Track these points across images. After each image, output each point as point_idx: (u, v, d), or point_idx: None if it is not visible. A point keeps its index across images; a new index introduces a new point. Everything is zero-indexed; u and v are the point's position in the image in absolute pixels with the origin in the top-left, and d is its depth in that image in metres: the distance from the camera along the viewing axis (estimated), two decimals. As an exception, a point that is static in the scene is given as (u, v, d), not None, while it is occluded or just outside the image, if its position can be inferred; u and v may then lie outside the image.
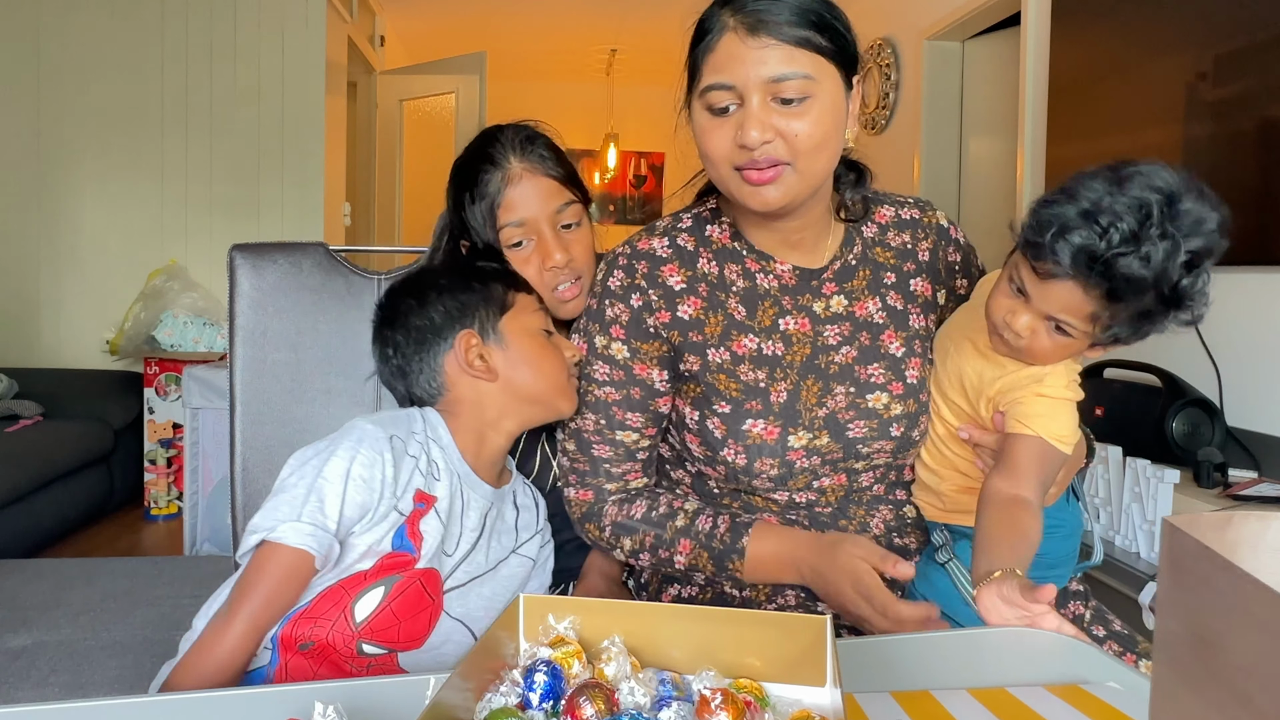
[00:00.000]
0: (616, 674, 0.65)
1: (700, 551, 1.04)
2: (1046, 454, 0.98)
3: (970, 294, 1.16)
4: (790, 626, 0.66)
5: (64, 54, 4.04)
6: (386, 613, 0.96)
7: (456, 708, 0.59)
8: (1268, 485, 1.96)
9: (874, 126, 4.51)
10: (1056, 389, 0.99)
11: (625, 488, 1.12)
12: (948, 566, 1.07)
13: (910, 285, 1.13)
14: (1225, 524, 0.32)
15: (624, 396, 1.09)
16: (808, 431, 1.04)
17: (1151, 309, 0.88)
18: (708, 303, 1.07)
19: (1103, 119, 2.62)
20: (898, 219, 1.16)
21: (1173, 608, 0.31)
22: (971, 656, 0.76)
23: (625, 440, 1.11)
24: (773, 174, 0.96)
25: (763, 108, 0.94)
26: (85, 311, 4.10)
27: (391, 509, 0.98)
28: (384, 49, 5.47)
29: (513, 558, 1.12)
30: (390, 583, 0.97)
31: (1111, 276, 0.84)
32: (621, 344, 1.08)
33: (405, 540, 0.98)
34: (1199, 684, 0.29)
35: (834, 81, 0.97)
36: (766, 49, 0.93)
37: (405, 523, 0.98)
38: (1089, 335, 0.93)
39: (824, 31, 0.95)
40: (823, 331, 1.08)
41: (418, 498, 1.00)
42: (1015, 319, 0.94)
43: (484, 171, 1.17)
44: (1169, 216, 0.82)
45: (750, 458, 1.04)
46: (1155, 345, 2.49)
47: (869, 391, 1.07)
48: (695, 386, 1.08)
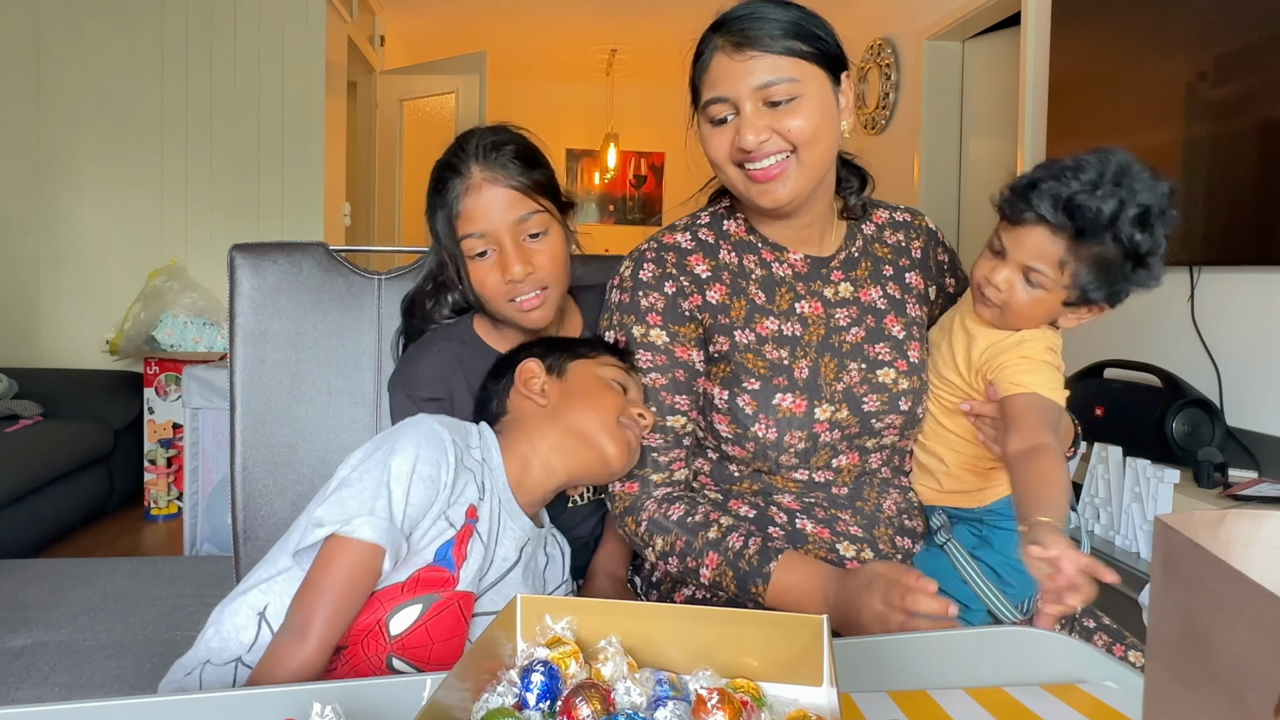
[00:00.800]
0: (613, 674, 0.65)
1: (726, 569, 1.05)
2: (1042, 405, 1.05)
3: (956, 293, 1.27)
4: (787, 626, 0.66)
5: (64, 54, 4.04)
6: (421, 630, 0.92)
7: (453, 708, 0.59)
8: (1268, 485, 1.96)
9: (874, 126, 4.51)
10: (1036, 351, 1.07)
11: (670, 479, 1.13)
12: (946, 547, 1.13)
13: (906, 278, 1.23)
14: (1218, 522, 0.32)
15: (670, 380, 1.12)
16: (830, 404, 1.11)
17: (1113, 260, 1.00)
18: (731, 289, 1.15)
19: (1103, 119, 2.62)
20: (892, 220, 1.27)
21: (1165, 606, 0.31)
22: (969, 656, 0.76)
23: (674, 425, 1.13)
24: (778, 170, 1.06)
25: (755, 113, 1.04)
26: (85, 311, 4.10)
27: (441, 515, 0.95)
28: (384, 49, 5.47)
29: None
30: (429, 601, 0.93)
31: (1074, 215, 0.99)
32: (660, 330, 1.13)
33: (449, 556, 0.94)
34: (1191, 681, 0.29)
35: (819, 81, 1.06)
36: (752, 60, 1.03)
37: (455, 538, 0.95)
38: (1060, 286, 1.04)
39: (804, 39, 1.05)
40: (834, 314, 1.17)
41: (470, 513, 0.97)
42: (995, 274, 1.06)
43: (448, 179, 1.16)
44: (1122, 175, 0.99)
45: (780, 431, 1.09)
46: (1155, 345, 2.50)
47: (878, 367, 1.15)
48: (725, 366, 1.13)
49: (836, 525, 1.11)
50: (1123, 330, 2.53)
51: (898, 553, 1.12)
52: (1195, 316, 2.32)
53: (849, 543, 1.10)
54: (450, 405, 1.19)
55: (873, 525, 1.13)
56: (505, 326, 1.24)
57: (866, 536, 1.12)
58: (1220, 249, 2.23)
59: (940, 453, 1.18)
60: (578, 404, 1.07)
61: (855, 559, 1.10)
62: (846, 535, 1.11)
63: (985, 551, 1.13)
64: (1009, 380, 1.07)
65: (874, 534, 1.12)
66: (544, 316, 1.18)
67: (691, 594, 1.16)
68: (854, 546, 1.10)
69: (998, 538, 1.14)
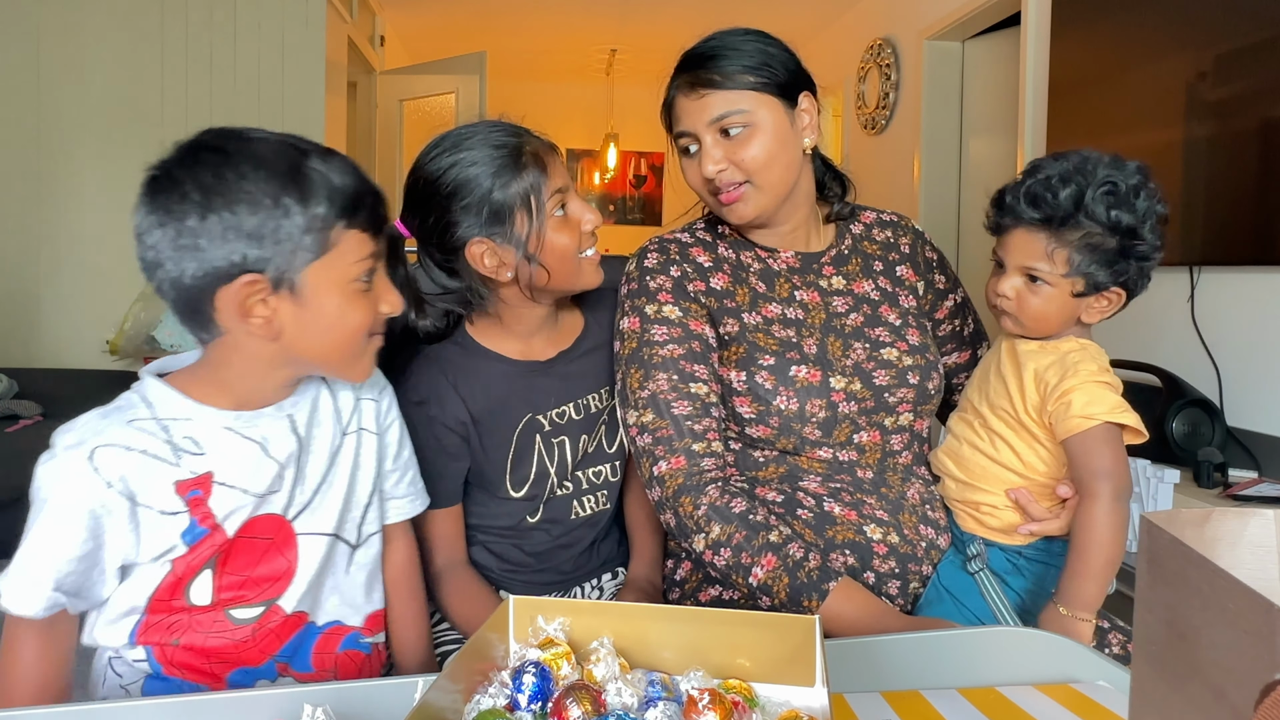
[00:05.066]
0: (605, 675, 0.64)
1: (782, 574, 1.04)
2: (1091, 444, 1.03)
3: (946, 290, 1.33)
4: (780, 627, 0.66)
5: (64, 54, 4.04)
6: (227, 579, 0.89)
7: (445, 709, 0.59)
8: (1268, 485, 1.96)
9: (874, 126, 4.50)
10: (1089, 374, 1.06)
11: (709, 449, 1.12)
12: (977, 576, 1.11)
13: (896, 271, 1.29)
14: (1204, 520, 0.31)
15: (687, 350, 1.15)
16: (843, 376, 1.16)
17: (1100, 240, 1.03)
18: (732, 278, 1.22)
19: (1103, 119, 2.62)
20: (880, 220, 1.34)
21: (1150, 603, 0.30)
22: (962, 656, 0.76)
23: (699, 392, 1.14)
24: (738, 194, 1.16)
25: (714, 145, 1.15)
26: (85, 311, 4.10)
27: (150, 521, 0.85)
28: (384, 49, 5.47)
29: (346, 438, 1.00)
30: (212, 562, 0.88)
31: (1036, 204, 1.04)
32: (672, 305, 1.18)
33: (197, 529, 0.87)
34: (1176, 678, 0.29)
35: (772, 109, 1.14)
36: (705, 98, 1.14)
37: (192, 518, 0.87)
38: (1060, 277, 1.06)
39: (754, 71, 1.13)
40: (831, 301, 1.23)
41: (182, 488, 0.86)
42: (1000, 285, 1.10)
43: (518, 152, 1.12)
44: (1081, 165, 1.04)
45: (801, 400, 1.13)
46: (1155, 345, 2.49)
47: (881, 347, 1.21)
48: (737, 348, 1.17)
49: (863, 509, 1.13)
50: (1123, 330, 2.52)
51: (921, 540, 1.14)
52: (1195, 316, 2.32)
53: (875, 525, 1.12)
54: (440, 409, 1.16)
55: (898, 511, 1.15)
56: (504, 325, 1.22)
57: (892, 520, 1.13)
58: (1220, 249, 2.22)
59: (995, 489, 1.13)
60: (315, 337, 0.87)
61: (882, 541, 1.12)
62: (873, 518, 1.13)
63: (1016, 579, 1.12)
64: (1071, 415, 1.04)
65: (899, 519, 1.14)
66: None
67: (718, 594, 1.16)
68: (880, 529, 1.12)
69: (1032, 569, 1.12)
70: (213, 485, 0.88)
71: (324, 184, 0.84)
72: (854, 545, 1.11)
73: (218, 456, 0.88)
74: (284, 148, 0.84)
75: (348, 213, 0.85)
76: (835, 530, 1.11)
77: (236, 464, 0.89)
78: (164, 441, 0.86)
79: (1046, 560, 1.12)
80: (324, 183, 0.84)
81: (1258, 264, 2.14)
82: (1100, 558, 1.00)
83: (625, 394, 1.16)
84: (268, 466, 0.91)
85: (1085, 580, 1.00)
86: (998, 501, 1.12)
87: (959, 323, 1.34)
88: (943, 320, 1.33)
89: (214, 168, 0.81)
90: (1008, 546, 1.13)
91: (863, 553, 1.10)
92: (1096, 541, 1.00)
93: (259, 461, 0.91)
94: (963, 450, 1.16)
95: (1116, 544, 1.01)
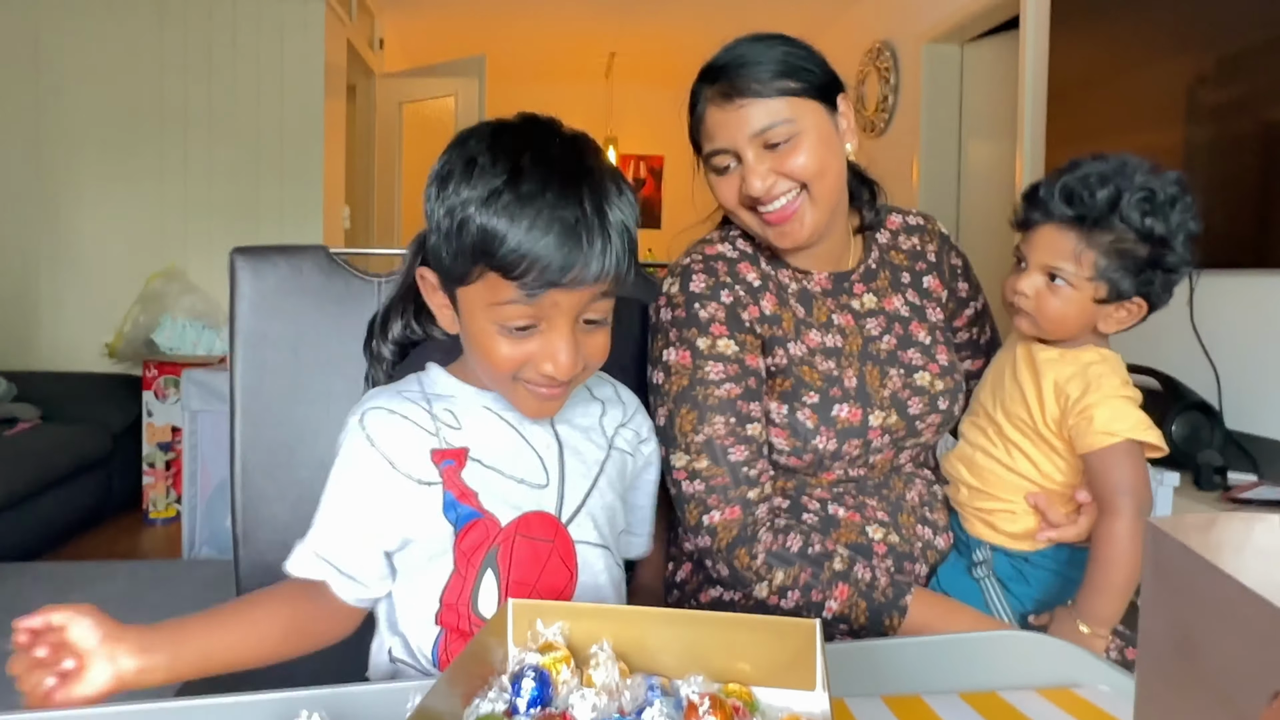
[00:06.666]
0: (605, 679, 0.64)
1: (858, 600, 1.03)
2: (1113, 460, 1.01)
3: (968, 298, 1.29)
4: (780, 630, 0.65)
5: (64, 56, 4.04)
6: (514, 588, 0.85)
7: (444, 713, 0.58)
8: (1267, 488, 1.95)
9: (873, 130, 4.51)
10: (1113, 389, 1.04)
11: (764, 495, 1.08)
12: (982, 583, 1.11)
13: (923, 282, 1.24)
14: (1209, 525, 0.31)
15: (744, 389, 1.08)
16: (881, 411, 1.12)
17: (1130, 248, 1.00)
18: (779, 300, 1.14)
19: (1102, 122, 2.62)
20: (906, 225, 1.28)
21: (1156, 609, 0.30)
22: (962, 660, 0.76)
23: (755, 435, 1.08)
24: (792, 210, 1.07)
25: (758, 159, 1.05)
26: (84, 314, 4.10)
27: (411, 487, 0.85)
28: (383, 52, 5.47)
29: (611, 454, 0.97)
30: (493, 559, 0.85)
31: (1071, 202, 1.01)
32: (727, 339, 1.09)
33: (459, 507, 0.85)
34: (1181, 685, 0.28)
35: (815, 114, 1.07)
36: (744, 109, 1.04)
37: (446, 490, 0.85)
38: (1084, 280, 1.03)
39: (791, 75, 1.05)
40: (865, 324, 1.18)
41: (437, 457, 0.86)
42: (1020, 283, 1.07)
43: None
44: (1120, 167, 1.01)
45: (840, 441, 1.10)
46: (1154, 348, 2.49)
47: (914, 371, 1.16)
48: (783, 380, 1.10)
49: (866, 510, 1.13)
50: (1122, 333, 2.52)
51: (918, 540, 1.14)
52: (1194, 320, 2.31)
53: (877, 525, 1.12)
54: None
55: (897, 512, 1.15)
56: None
57: (892, 521, 1.13)
58: (1220, 252, 2.22)
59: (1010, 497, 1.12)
60: (468, 342, 0.88)
61: (881, 541, 1.12)
62: (875, 519, 1.13)
63: (1019, 585, 1.11)
64: (1094, 431, 1.02)
65: (899, 519, 1.14)
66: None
67: (718, 596, 1.15)
68: (881, 529, 1.12)
69: (1039, 576, 1.12)
70: (467, 459, 0.87)
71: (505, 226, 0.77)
72: (854, 546, 1.11)
73: (474, 433, 0.89)
74: (518, 169, 0.79)
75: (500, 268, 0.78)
76: (839, 533, 1.11)
77: (492, 444, 0.89)
78: (426, 412, 0.88)
79: (1054, 568, 1.11)
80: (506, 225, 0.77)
81: (1257, 267, 2.14)
82: (1122, 573, 1.00)
83: (674, 435, 1.07)
84: (527, 455, 0.89)
85: (1108, 596, 1.00)
86: (1015, 508, 1.11)
87: (976, 330, 1.31)
88: (961, 328, 1.31)
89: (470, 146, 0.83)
90: (1014, 553, 1.12)
91: (861, 552, 1.10)
92: (1118, 557, 0.99)
93: (518, 447, 0.89)
94: (976, 457, 1.14)
95: (1138, 559, 1.00)
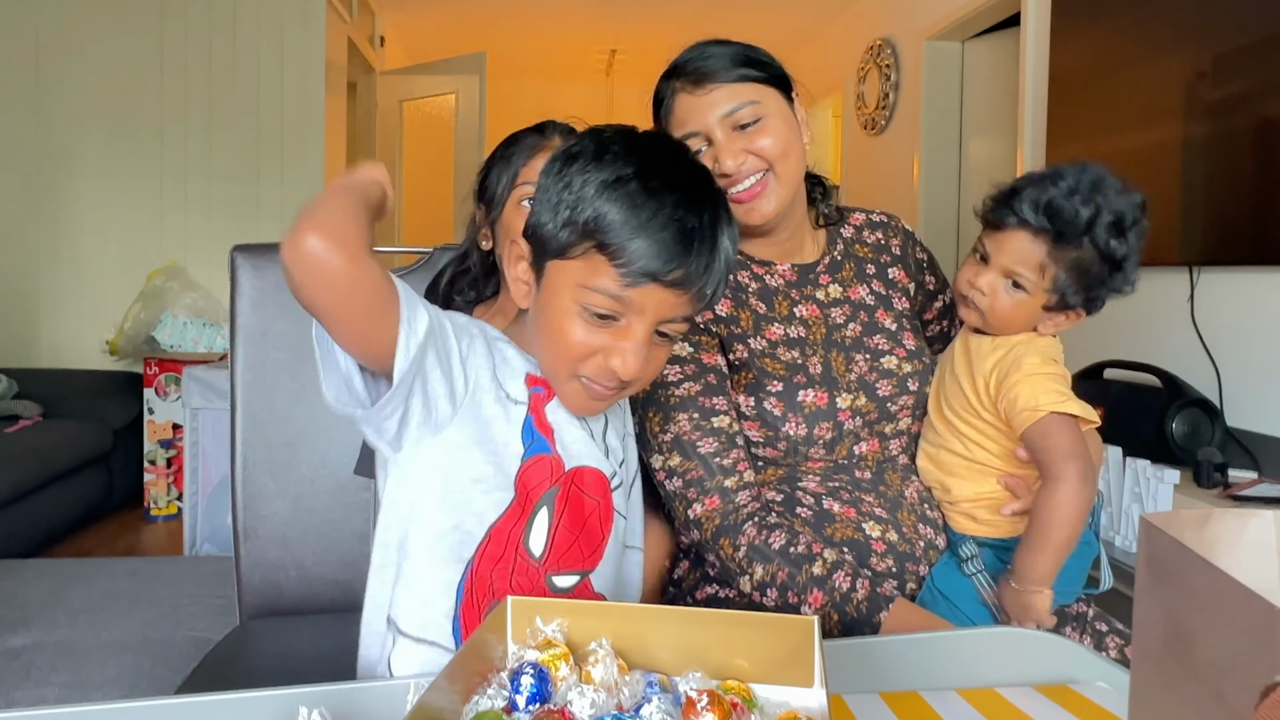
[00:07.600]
0: (604, 676, 0.64)
1: (831, 612, 1.03)
2: (1046, 430, 1.04)
3: (935, 290, 1.33)
4: (778, 627, 0.66)
5: (64, 54, 4.04)
6: (561, 532, 0.85)
7: (443, 710, 0.59)
8: (1267, 485, 1.95)
9: (874, 127, 4.50)
10: (1034, 366, 1.08)
11: (743, 482, 1.10)
12: (974, 578, 1.12)
13: (889, 274, 1.29)
14: (1204, 521, 0.31)
15: (703, 385, 1.13)
16: (849, 394, 1.15)
17: (1090, 265, 1.04)
18: (734, 302, 1.19)
19: (1102, 119, 2.62)
20: (870, 222, 1.33)
21: (1149, 604, 0.30)
22: (960, 657, 0.76)
23: (721, 425, 1.11)
24: (760, 188, 1.13)
25: (727, 139, 1.11)
26: (85, 312, 4.10)
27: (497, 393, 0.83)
28: (384, 49, 5.47)
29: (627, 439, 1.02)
30: (549, 498, 0.85)
31: (1053, 217, 1.03)
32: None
33: (536, 435, 0.84)
34: (1175, 679, 0.28)
35: (777, 100, 1.14)
36: (713, 93, 1.12)
37: (529, 413, 0.84)
38: (1041, 289, 1.07)
39: (753, 65, 1.13)
40: (830, 313, 1.22)
41: (531, 381, 0.86)
42: (978, 279, 1.10)
43: None
44: (1097, 185, 1.04)
45: (809, 425, 1.13)
46: (1155, 345, 2.49)
47: (881, 356, 1.20)
48: (747, 374, 1.15)
49: (861, 506, 1.13)
50: (1122, 330, 2.52)
51: (920, 539, 1.14)
52: (1195, 316, 2.32)
53: (874, 523, 1.12)
54: None
55: (896, 509, 1.15)
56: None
57: (890, 519, 1.13)
58: (1220, 249, 2.22)
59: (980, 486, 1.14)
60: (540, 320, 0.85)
61: (880, 539, 1.11)
62: (871, 516, 1.13)
63: None
64: (1019, 410, 1.06)
65: (898, 517, 1.14)
66: None
67: (715, 593, 1.15)
68: (879, 527, 1.12)
69: None
70: (553, 395, 0.87)
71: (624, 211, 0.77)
72: (852, 543, 1.10)
73: None
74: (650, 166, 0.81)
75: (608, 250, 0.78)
76: (834, 528, 1.11)
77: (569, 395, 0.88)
78: (518, 352, 0.88)
79: None
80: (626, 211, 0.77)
81: (1258, 264, 2.14)
82: (1061, 535, 1.01)
83: (647, 438, 1.12)
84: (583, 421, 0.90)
85: (1043, 556, 1.02)
86: (987, 494, 1.13)
87: (946, 324, 1.35)
88: (931, 321, 1.34)
89: None
90: (1001, 544, 1.13)
91: (860, 551, 1.10)
92: (1060, 521, 1.01)
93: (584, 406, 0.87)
94: (941, 455, 1.17)
95: (1078, 524, 1.02)
